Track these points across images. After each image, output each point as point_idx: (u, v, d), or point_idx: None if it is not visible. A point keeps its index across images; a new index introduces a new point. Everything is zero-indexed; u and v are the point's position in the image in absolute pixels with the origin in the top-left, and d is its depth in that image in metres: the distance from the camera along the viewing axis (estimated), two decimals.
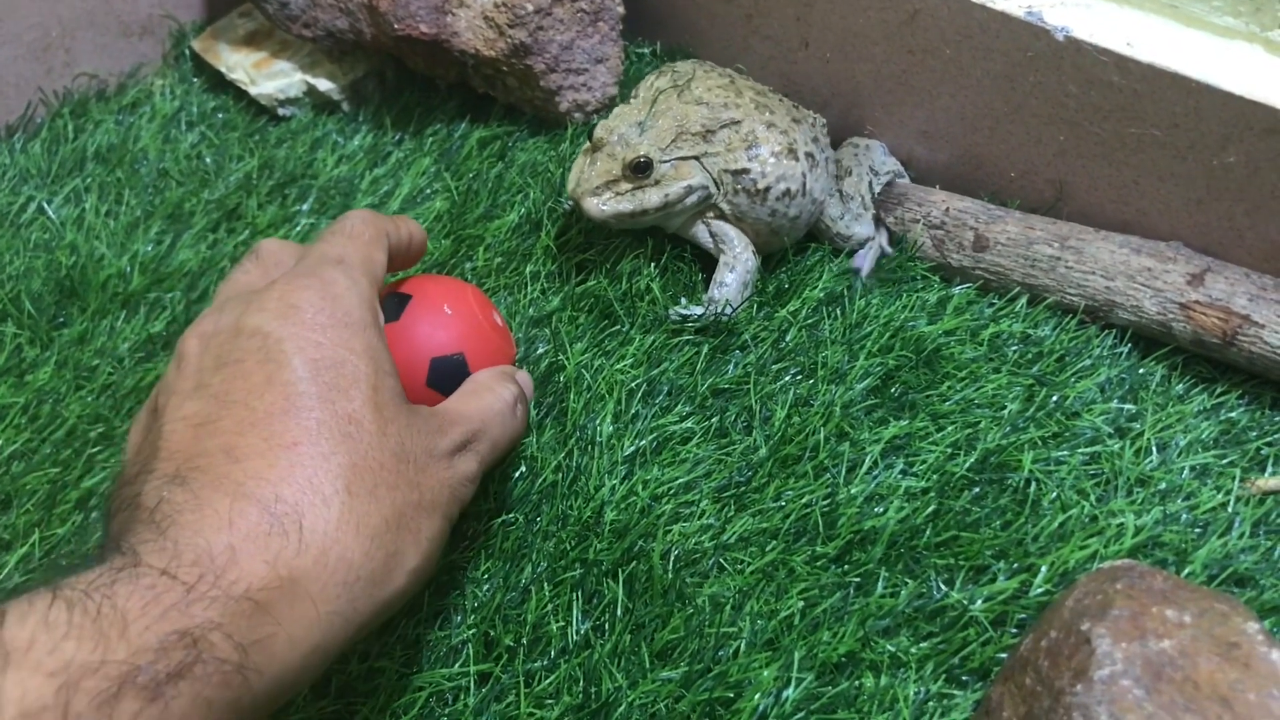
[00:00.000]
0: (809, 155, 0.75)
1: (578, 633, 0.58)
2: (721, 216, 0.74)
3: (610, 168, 0.70)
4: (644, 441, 0.67)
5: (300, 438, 0.44)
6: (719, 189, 0.73)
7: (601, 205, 0.70)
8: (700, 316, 0.72)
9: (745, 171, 0.72)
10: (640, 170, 0.70)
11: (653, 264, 0.75)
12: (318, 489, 0.43)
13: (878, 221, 0.80)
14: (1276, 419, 0.68)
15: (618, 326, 0.73)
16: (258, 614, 0.40)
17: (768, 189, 0.72)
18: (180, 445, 0.45)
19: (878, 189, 0.80)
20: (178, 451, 0.45)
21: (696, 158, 0.72)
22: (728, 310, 0.72)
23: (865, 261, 0.78)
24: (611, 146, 0.71)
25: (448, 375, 0.57)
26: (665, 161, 0.71)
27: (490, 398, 0.54)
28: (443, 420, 0.51)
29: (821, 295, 0.75)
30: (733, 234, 0.74)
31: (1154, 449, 0.66)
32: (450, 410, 0.52)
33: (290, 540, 0.42)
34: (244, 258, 0.56)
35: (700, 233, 0.75)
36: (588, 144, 0.73)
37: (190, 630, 0.38)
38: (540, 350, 0.72)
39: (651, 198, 0.70)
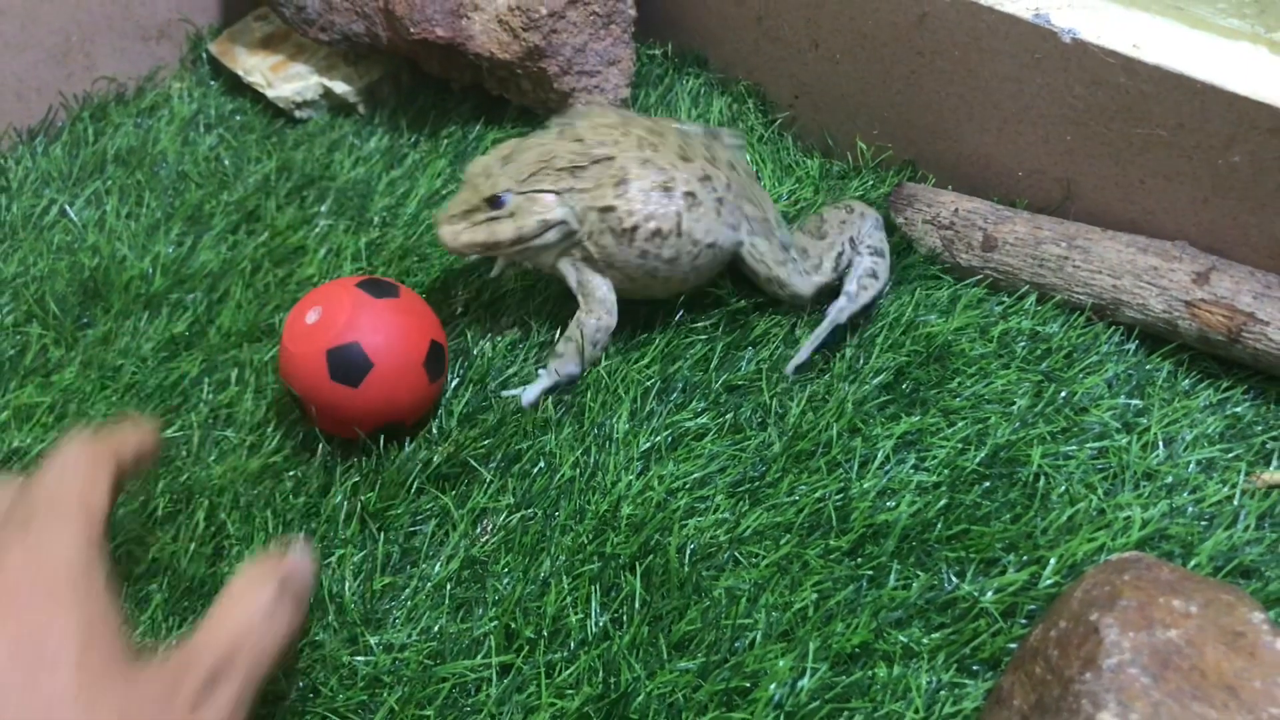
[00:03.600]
0: (689, 195, 0.69)
1: (596, 625, 0.60)
2: (589, 260, 0.70)
3: (470, 198, 0.69)
4: (659, 438, 0.68)
5: None
6: (582, 227, 0.69)
7: (455, 234, 0.70)
8: (536, 396, 0.71)
9: (611, 209, 0.69)
10: (494, 203, 0.68)
11: None
12: None
13: (836, 294, 0.74)
14: None
15: (633, 327, 0.74)
16: None
17: (635, 228, 0.68)
18: None
19: (846, 263, 0.74)
20: None
21: (557, 192, 0.69)
22: (566, 380, 0.71)
23: (803, 353, 0.72)
24: (476, 179, 0.70)
25: (347, 364, 0.64)
26: (520, 193, 0.68)
27: (239, 610, 0.49)
28: (180, 662, 0.46)
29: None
30: (596, 288, 0.71)
31: (1161, 444, 0.67)
32: (192, 645, 0.47)
33: None
34: None
35: (568, 273, 0.71)
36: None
37: None
38: None
39: (505, 229, 0.69)
